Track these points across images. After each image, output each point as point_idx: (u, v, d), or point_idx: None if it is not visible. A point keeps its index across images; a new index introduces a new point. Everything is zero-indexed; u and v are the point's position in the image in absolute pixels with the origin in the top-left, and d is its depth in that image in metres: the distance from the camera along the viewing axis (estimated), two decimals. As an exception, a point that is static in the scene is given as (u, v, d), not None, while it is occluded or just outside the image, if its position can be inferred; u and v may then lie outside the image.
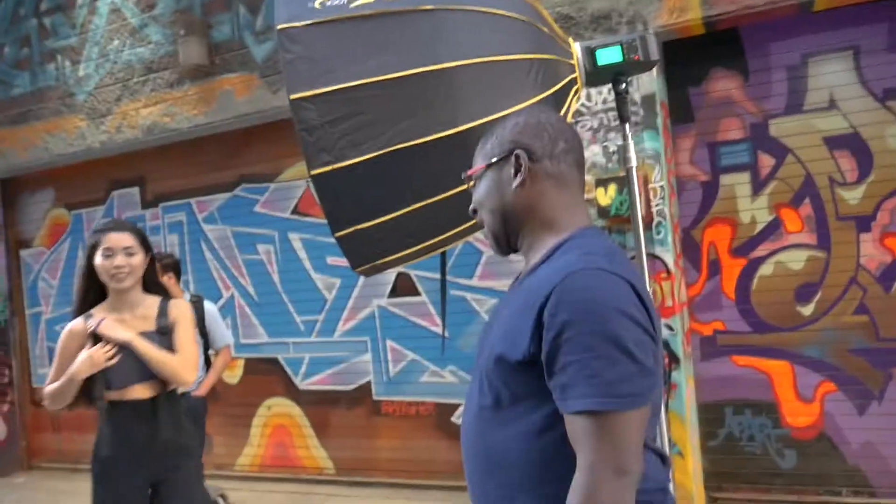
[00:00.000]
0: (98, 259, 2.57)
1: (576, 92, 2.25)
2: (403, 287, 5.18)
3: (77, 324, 2.60)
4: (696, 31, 4.07)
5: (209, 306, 4.30)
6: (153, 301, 2.69)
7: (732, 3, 3.85)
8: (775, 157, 4.14)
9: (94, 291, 2.64)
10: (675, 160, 4.32)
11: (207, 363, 4.26)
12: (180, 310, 2.71)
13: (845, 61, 3.99)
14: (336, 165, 1.94)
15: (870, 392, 3.97)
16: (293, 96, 1.92)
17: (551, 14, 4.16)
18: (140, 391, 2.58)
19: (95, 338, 2.54)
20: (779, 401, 4.15)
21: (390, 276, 5.16)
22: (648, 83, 4.04)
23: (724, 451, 4.25)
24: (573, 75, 2.23)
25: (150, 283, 2.72)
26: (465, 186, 2.11)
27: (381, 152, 1.91)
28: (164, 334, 2.61)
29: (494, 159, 1.38)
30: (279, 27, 1.97)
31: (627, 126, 2.32)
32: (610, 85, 2.35)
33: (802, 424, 4.11)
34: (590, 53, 2.24)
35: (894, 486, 3.91)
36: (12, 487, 6.38)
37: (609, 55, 2.25)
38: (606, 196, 4.07)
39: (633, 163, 2.32)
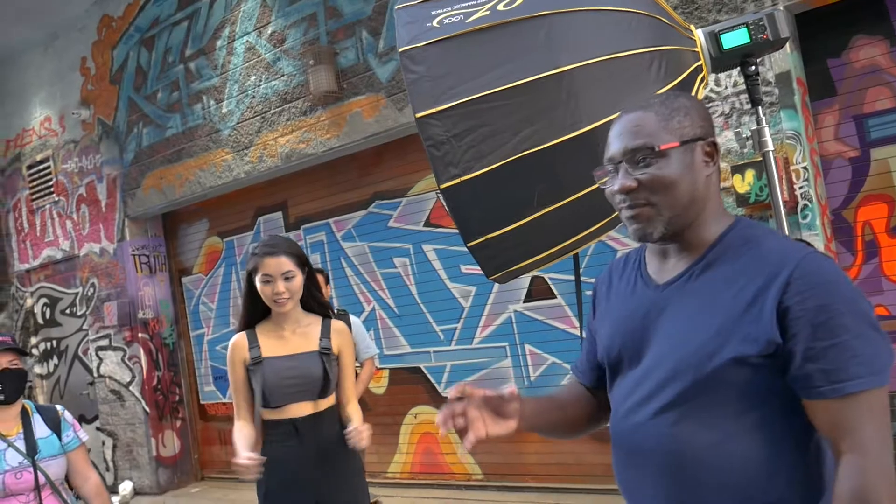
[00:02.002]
0: (258, 283, 2.61)
1: (702, 79, 2.19)
2: (539, 291, 5.19)
3: (239, 339, 2.70)
4: None
5: (354, 320, 4.49)
6: (314, 320, 2.72)
7: (871, -36, 3.59)
8: (934, 125, 3.81)
9: (256, 312, 2.71)
10: (817, 138, 4.06)
11: (355, 375, 4.44)
12: (344, 338, 2.74)
13: None
14: (464, 178, 1.99)
15: None
16: (419, 115, 1.99)
17: (672, 0, 4.05)
18: (297, 410, 2.62)
19: (254, 362, 2.64)
20: (958, 390, 3.79)
21: (525, 280, 5.18)
22: (782, 60, 3.83)
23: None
24: (698, 63, 2.17)
25: (309, 300, 2.74)
26: (592, 188, 2.10)
27: (505, 161, 1.94)
28: (325, 354, 2.66)
29: (688, 140, 1.30)
30: (401, 49, 2.06)
31: (760, 109, 2.22)
32: (738, 68, 2.26)
33: None
34: (714, 38, 2.17)
35: None
36: (189, 497, 6.93)
37: (735, 38, 2.16)
38: (745, 183, 3.89)
39: (770, 146, 2.22)
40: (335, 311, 4.53)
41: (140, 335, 7.26)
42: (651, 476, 1.28)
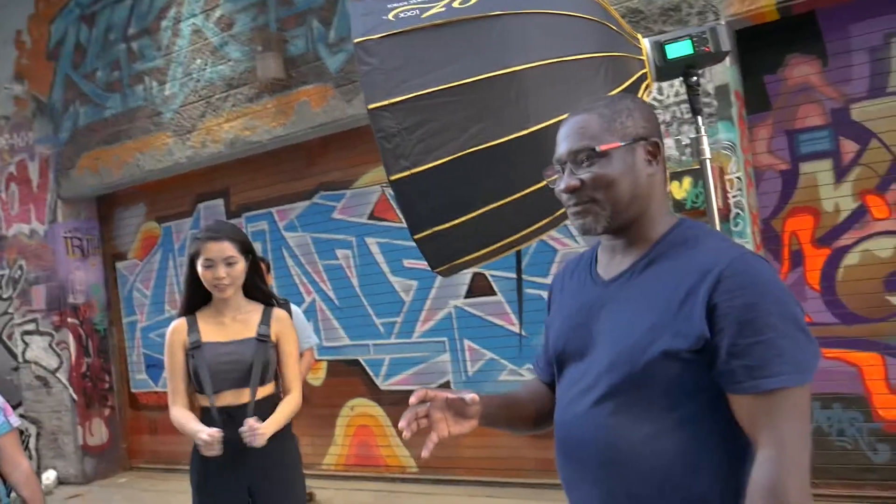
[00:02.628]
0: (199, 268, 2.60)
1: (647, 87, 2.27)
2: (479, 287, 5.25)
3: (179, 323, 2.68)
4: (770, 18, 3.99)
5: (296, 309, 4.46)
6: (256, 308, 2.72)
7: (807, -14, 3.77)
8: (859, 143, 4.01)
9: (197, 297, 2.68)
10: (751, 150, 4.23)
11: (294, 365, 4.41)
12: (284, 324, 2.73)
13: (931, 40, 3.84)
14: (413, 171, 2.02)
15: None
16: (371, 106, 2.01)
17: (620, 9, 4.16)
18: (233, 397, 2.60)
19: (193, 346, 2.62)
20: (870, 394, 4.01)
21: (466, 276, 5.24)
22: (722, 73, 3.98)
23: (813, 446, 4.13)
24: (643, 71, 2.25)
25: (252, 288, 2.73)
26: (538, 186, 2.16)
27: (453, 156, 1.98)
28: (263, 342, 2.65)
29: (630, 140, 1.36)
30: (356, 41, 2.07)
31: (700, 118, 2.32)
32: (681, 78, 2.35)
33: (896, 417, 3.96)
34: (659, 48, 2.25)
35: None
36: (117, 487, 6.76)
37: (679, 49, 2.25)
38: (682, 189, 4.03)
39: (707, 155, 2.32)
40: (279, 301, 4.50)
41: (69, 320, 7.04)
42: (588, 467, 1.33)
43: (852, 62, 4.01)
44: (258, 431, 2.45)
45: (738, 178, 3.97)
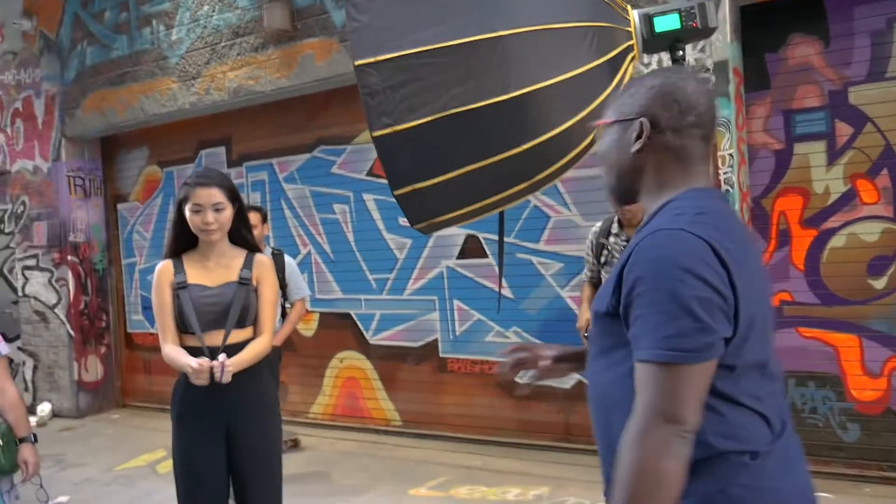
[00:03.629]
0: (187, 213, 2.65)
1: (632, 59, 2.30)
2: (472, 249, 5.32)
3: (166, 264, 2.74)
4: (774, -4, 3.98)
5: (289, 260, 4.55)
6: (239, 253, 2.78)
7: (813, -35, 3.75)
8: (853, 126, 4.03)
9: (183, 240, 2.75)
10: (746, 128, 4.25)
11: (283, 314, 4.51)
12: (265, 268, 2.79)
13: (934, 27, 3.84)
14: (395, 128, 2.07)
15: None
16: (357, 62, 2.06)
17: (624, -22, 4.14)
18: (214, 338, 2.66)
19: (179, 286, 2.69)
20: (844, 374, 4.10)
21: (459, 238, 5.30)
22: (722, 49, 3.98)
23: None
24: (630, 42, 2.27)
25: (236, 235, 2.78)
26: (517, 150, 2.21)
27: (435, 117, 2.02)
28: (244, 284, 2.72)
29: (622, 118, 1.42)
30: (346, -3, 2.11)
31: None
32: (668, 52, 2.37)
33: (868, 399, 4.05)
34: (647, 20, 2.27)
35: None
36: (109, 422, 6.94)
37: (667, 22, 2.27)
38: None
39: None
40: (273, 251, 4.58)
41: (69, 258, 7.15)
42: (590, 412, 1.48)
43: (854, 45, 4.01)
44: (228, 367, 2.55)
45: (731, 155, 4.00)
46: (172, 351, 2.68)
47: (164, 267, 2.76)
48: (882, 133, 3.96)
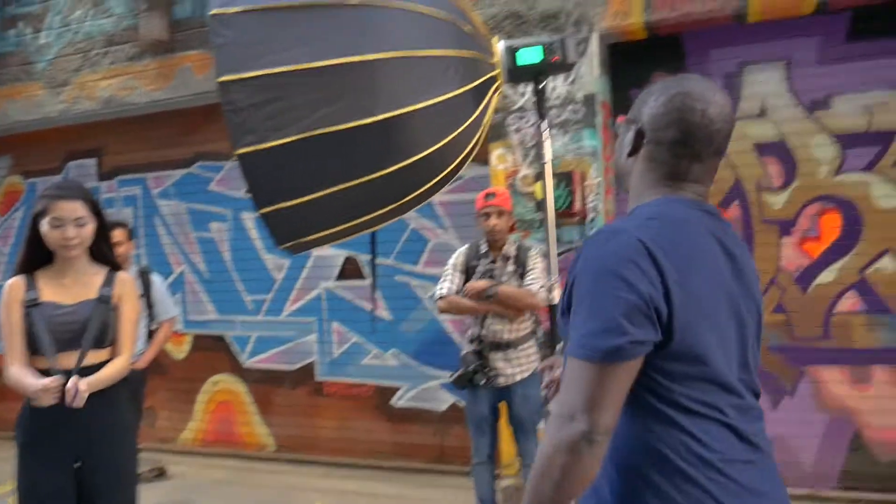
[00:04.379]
0: (45, 227, 2.50)
1: (496, 88, 2.39)
2: (351, 270, 5.29)
3: (16, 280, 2.56)
4: (638, 35, 4.23)
5: (156, 279, 4.37)
6: (100, 270, 2.65)
7: (673, 9, 4.02)
8: (708, 161, 4.31)
9: (38, 256, 2.58)
10: (613, 158, 4.48)
11: (150, 336, 4.32)
12: (127, 286, 2.67)
13: (778, 71, 4.19)
14: (260, 146, 2.06)
15: (783, 388, 4.19)
16: (221, 79, 2.03)
17: (502, 10, 4.30)
18: (68, 360, 2.49)
19: (30, 304, 2.52)
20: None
21: (338, 259, 5.27)
22: (590, 83, 4.19)
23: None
24: (494, 72, 2.36)
25: (97, 251, 2.64)
26: (384, 172, 2.24)
27: (301, 136, 2.02)
28: (103, 302, 2.58)
29: (629, 119, 1.48)
30: (212, 12, 2.09)
31: (544, 123, 2.46)
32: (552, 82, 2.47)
33: None
34: (511, 53, 2.37)
35: (802, 478, 4.13)
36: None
37: (529, 55, 2.38)
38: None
39: (549, 158, 2.47)
40: (140, 269, 4.38)
41: (-86, 274, 6.57)
42: None
43: (709, 86, 4.31)
44: (81, 390, 2.40)
45: (598, 183, 4.19)
46: (18, 372, 2.49)
47: (14, 283, 2.57)
48: (733, 168, 4.27)
